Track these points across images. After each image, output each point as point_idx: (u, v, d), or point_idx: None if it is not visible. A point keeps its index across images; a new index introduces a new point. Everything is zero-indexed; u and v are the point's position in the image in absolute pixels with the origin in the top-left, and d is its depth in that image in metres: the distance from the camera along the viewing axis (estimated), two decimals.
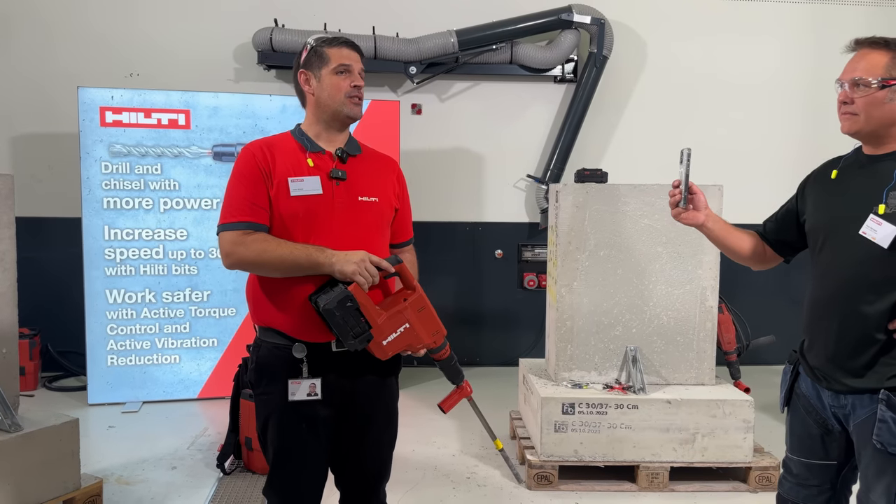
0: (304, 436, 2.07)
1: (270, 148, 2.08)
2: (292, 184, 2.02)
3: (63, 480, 2.95)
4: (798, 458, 2.12)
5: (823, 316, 2.00)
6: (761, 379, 5.08)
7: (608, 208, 3.66)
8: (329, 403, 2.06)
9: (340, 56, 2.11)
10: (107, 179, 4.61)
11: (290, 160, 2.06)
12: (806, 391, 2.08)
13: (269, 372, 2.08)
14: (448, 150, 5.79)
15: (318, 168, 2.06)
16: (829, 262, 1.99)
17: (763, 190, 5.69)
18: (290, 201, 2.02)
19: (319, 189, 2.03)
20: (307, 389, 2.02)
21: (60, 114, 5.22)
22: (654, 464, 3.47)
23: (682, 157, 2.05)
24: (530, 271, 5.84)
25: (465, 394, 2.28)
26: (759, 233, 2.25)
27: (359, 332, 1.94)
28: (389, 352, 2.02)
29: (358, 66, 2.13)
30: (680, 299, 3.68)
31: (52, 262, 5.27)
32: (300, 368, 2.02)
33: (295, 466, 2.09)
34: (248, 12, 5.44)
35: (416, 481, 3.56)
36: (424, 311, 2.06)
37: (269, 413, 2.09)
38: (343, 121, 2.13)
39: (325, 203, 2.04)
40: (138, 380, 4.73)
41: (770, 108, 5.90)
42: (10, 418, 2.82)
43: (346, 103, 2.10)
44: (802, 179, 2.16)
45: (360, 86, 2.12)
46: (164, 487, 3.46)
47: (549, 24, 5.55)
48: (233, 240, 1.99)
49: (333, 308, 1.90)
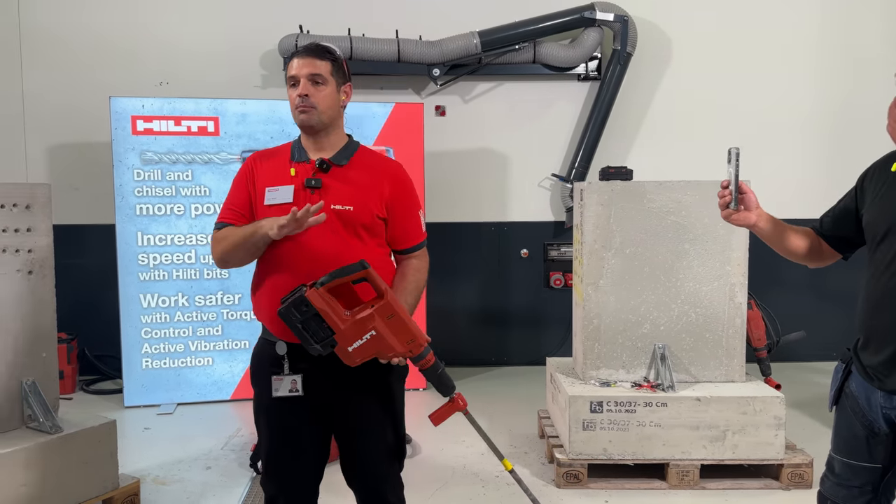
0: (290, 432, 2.15)
1: (265, 157, 2.23)
2: (268, 193, 2.13)
3: (102, 480, 3.03)
4: (841, 459, 2.07)
5: (880, 313, 1.93)
6: (792, 375, 4.99)
7: (634, 206, 3.65)
8: (315, 401, 2.12)
9: (290, 70, 2.18)
10: (139, 186, 4.71)
11: (274, 170, 2.17)
12: (856, 391, 2.03)
13: (258, 367, 2.19)
14: (472, 151, 5.81)
15: (297, 177, 2.13)
16: (887, 257, 1.92)
17: (791, 185, 5.65)
18: (265, 210, 2.12)
19: (290, 198, 2.10)
20: (289, 385, 2.08)
21: (93, 123, 5.34)
22: (684, 461, 3.45)
23: (729, 156, 1.99)
24: (556, 270, 5.83)
25: (458, 408, 2.13)
26: (815, 229, 2.17)
27: (322, 336, 1.95)
28: (357, 359, 1.99)
29: (306, 73, 2.13)
30: (708, 296, 3.66)
31: (88, 268, 5.40)
32: (283, 366, 2.09)
33: (284, 459, 2.17)
34: (273, 20, 5.51)
35: (445, 480, 3.59)
36: (394, 319, 1.98)
37: (257, 406, 2.20)
38: (305, 130, 2.18)
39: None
40: (173, 382, 4.83)
41: (803, 105, 5.81)
42: (50, 420, 2.91)
43: (296, 114, 2.15)
44: (861, 173, 2.09)
45: (303, 95, 2.11)
46: (200, 487, 3.53)
47: (572, 23, 5.55)
48: (212, 239, 2.20)
49: (286, 312, 1.93)
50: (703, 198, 3.61)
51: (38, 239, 2.99)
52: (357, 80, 5.54)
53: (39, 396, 2.94)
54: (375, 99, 5.43)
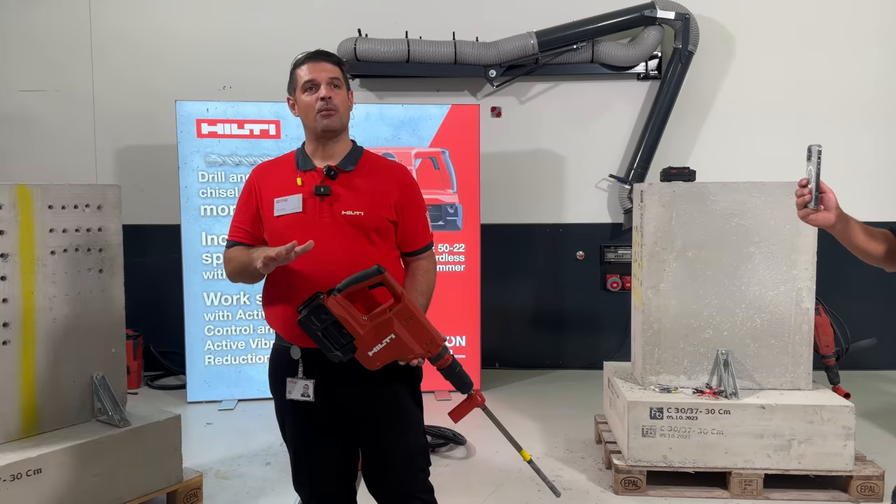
0: (309, 435, 2.17)
1: (269, 168, 2.24)
2: (277, 204, 2.13)
3: (167, 473, 3.11)
4: None
5: None
6: (863, 384, 4.80)
7: (696, 207, 3.57)
8: (328, 406, 2.12)
9: (304, 74, 2.15)
10: (203, 188, 4.84)
11: (280, 180, 2.17)
12: None
13: (274, 372, 2.21)
14: (528, 152, 5.78)
15: (305, 185, 2.13)
16: None
17: (860, 189, 5.43)
18: (275, 221, 2.12)
19: (300, 207, 2.10)
20: (301, 390, 2.09)
21: (160, 126, 5.51)
22: (746, 470, 3.36)
23: (810, 153, 1.92)
24: (613, 273, 5.75)
25: (477, 404, 2.16)
26: (894, 231, 2.10)
27: (342, 343, 1.96)
28: (377, 363, 2.01)
29: (325, 77, 2.12)
30: (774, 301, 3.55)
31: (154, 267, 5.57)
32: (297, 369, 2.11)
33: (307, 463, 2.20)
34: (332, 23, 5.58)
35: (499, 483, 3.57)
36: (412, 322, 2.01)
37: (278, 409, 2.22)
38: (324, 135, 2.16)
39: (307, 220, 2.10)
40: (234, 378, 4.95)
41: (867, 108, 5.59)
42: (119, 414, 3.01)
43: (318, 119, 2.14)
44: None
45: (327, 97, 2.11)
46: (260, 482, 3.60)
47: (632, 21, 5.46)
48: (223, 257, 2.25)
49: (306, 321, 1.94)
50: (768, 199, 3.51)
51: (108, 238, 3.10)
52: (414, 82, 5.70)
53: (109, 391, 3.05)
54: (432, 101, 5.46)
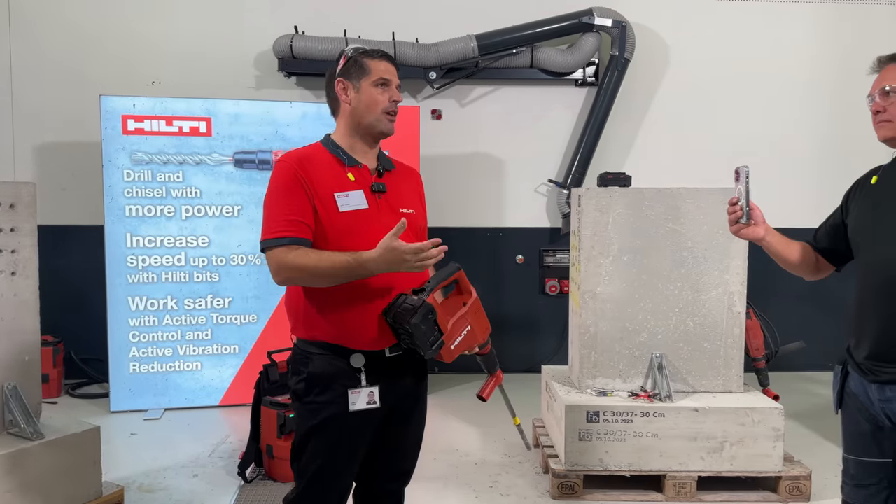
0: (354, 445, 2.07)
1: (309, 161, 2.05)
2: (339, 199, 2.01)
3: (85, 488, 2.96)
4: (853, 458, 2.14)
5: (867, 314, 2.05)
6: (791, 386, 4.95)
7: (632, 212, 3.60)
8: (384, 410, 2.07)
9: (381, 69, 2.10)
10: (129, 187, 4.63)
11: (330, 174, 2.04)
12: (855, 389, 2.11)
13: (323, 383, 2.03)
14: (468, 155, 5.76)
15: (359, 182, 2.06)
16: (871, 262, 2.05)
17: (788, 192, 5.61)
18: (340, 217, 2.00)
19: (365, 203, 2.04)
20: (366, 398, 2.02)
21: (84, 122, 5.26)
22: (681, 473, 3.39)
23: (738, 174, 2.11)
24: (552, 277, 5.78)
25: (500, 380, 2.36)
26: (810, 243, 2.30)
27: (434, 339, 1.99)
28: (456, 354, 2.08)
29: (396, 81, 2.13)
30: (707, 305, 3.61)
31: (76, 269, 5.30)
32: (357, 378, 2.01)
33: (340, 476, 2.08)
34: (268, 20, 5.46)
35: (437, 490, 3.52)
36: (480, 313, 2.17)
37: (316, 424, 2.03)
38: (376, 136, 2.13)
39: (371, 217, 2.04)
40: (160, 387, 4.74)
41: (796, 110, 5.79)
42: (32, 426, 2.84)
43: (383, 119, 2.10)
44: (846, 190, 2.22)
45: (398, 101, 2.13)
46: (186, 495, 3.45)
47: (570, 28, 5.51)
48: (279, 257, 1.96)
49: (420, 322, 1.94)
50: (702, 205, 3.56)
51: (21, 239, 2.92)
52: None
53: (21, 401, 2.86)
54: None
